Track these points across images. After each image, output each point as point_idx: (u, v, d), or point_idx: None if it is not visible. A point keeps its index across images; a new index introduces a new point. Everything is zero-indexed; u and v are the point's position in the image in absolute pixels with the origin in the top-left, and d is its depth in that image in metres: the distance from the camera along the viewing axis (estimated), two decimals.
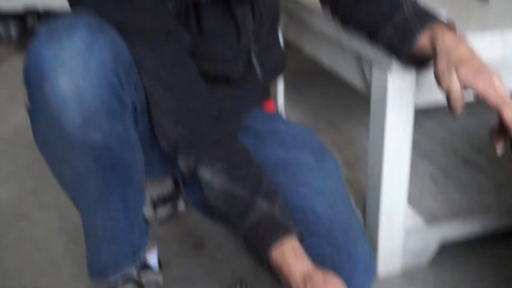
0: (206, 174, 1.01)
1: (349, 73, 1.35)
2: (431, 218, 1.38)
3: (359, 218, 1.23)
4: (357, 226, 1.18)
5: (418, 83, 1.19)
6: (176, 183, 1.46)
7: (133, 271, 1.14)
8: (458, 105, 0.94)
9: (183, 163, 1.03)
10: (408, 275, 1.35)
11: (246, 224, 0.97)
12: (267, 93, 1.35)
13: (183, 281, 1.32)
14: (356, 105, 1.84)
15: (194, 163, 1.02)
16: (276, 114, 1.37)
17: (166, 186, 1.49)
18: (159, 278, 1.21)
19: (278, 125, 1.26)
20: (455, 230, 1.37)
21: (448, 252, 1.39)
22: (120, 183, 1.01)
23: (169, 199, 1.50)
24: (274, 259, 0.94)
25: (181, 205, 1.50)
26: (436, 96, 1.18)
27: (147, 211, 1.48)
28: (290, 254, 0.94)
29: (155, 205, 1.48)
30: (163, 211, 1.51)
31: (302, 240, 1.00)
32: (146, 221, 1.18)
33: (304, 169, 1.20)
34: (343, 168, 1.63)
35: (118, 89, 0.92)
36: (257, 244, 0.97)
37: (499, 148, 0.93)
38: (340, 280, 0.92)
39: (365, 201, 1.35)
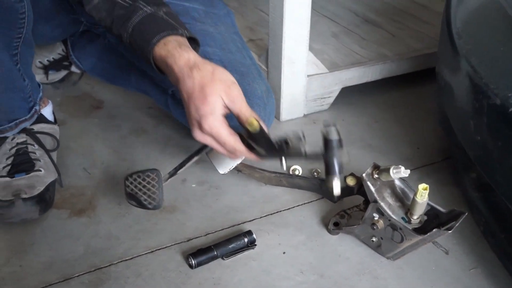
0: None
1: None
2: (332, 66, 1.40)
3: (256, 63, 1.22)
4: (253, 67, 1.18)
5: None
6: (66, 46, 1.38)
7: (27, 123, 1.10)
8: None
9: None
10: (311, 117, 1.38)
11: (130, 27, 0.93)
12: None
13: (81, 136, 1.28)
14: None
15: None
16: None
17: (56, 51, 1.40)
18: (55, 129, 1.15)
19: None
20: (354, 76, 1.40)
21: (347, 96, 1.43)
22: (5, 28, 0.95)
23: (61, 63, 1.42)
24: (158, 54, 0.91)
25: (74, 69, 1.43)
26: None
27: (38, 74, 1.39)
28: (174, 45, 0.90)
29: (46, 69, 1.40)
30: (55, 76, 1.42)
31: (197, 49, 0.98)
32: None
33: (194, 17, 1.17)
34: (246, 30, 1.60)
35: None
36: (141, 42, 0.93)
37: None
38: (229, 74, 0.91)
39: (268, 53, 1.34)
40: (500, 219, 0.96)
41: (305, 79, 1.34)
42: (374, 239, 0.96)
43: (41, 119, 1.14)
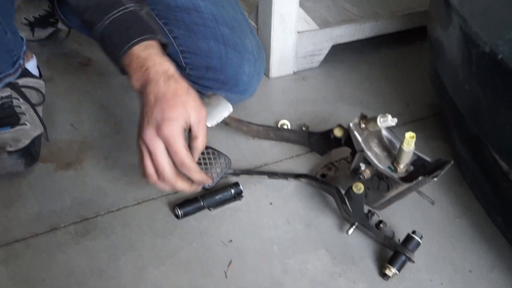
0: None
1: None
2: (323, 23, 1.38)
3: (249, 21, 1.20)
4: (245, 23, 1.17)
5: None
6: (52, 1, 1.35)
7: (12, 78, 1.08)
8: None
9: None
10: (300, 74, 1.37)
11: (108, 19, 0.87)
12: None
13: (69, 93, 1.26)
14: None
15: None
16: None
17: (42, 7, 1.38)
18: (40, 83, 1.14)
19: None
20: (345, 33, 1.39)
21: (338, 54, 1.42)
22: None
23: (47, 20, 1.39)
24: (136, 54, 0.86)
25: (61, 26, 1.41)
26: None
27: (24, 31, 1.38)
28: (155, 51, 0.87)
29: (32, 26, 1.38)
30: (42, 33, 1.40)
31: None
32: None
33: None
34: None
35: None
36: (118, 38, 0.88)
37: None
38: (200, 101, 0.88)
39: (258, 9, 1.32)
40: (486, 170, 0.96)
41: (295, 36, 1.33)
42: None
43: (26, 73, 1.12)
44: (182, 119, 0.84)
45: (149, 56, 0.86)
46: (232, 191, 0.98)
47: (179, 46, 1.13)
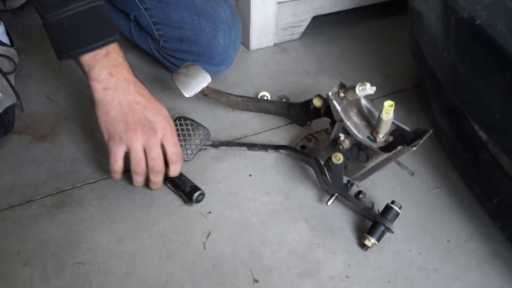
0: None
1: None
2: None
3: None
4: None
5: None
6: None
7: None
8: None
9: None
10: (281, 46, 1.35)
11: (68, 11, 0.79)
12: None
13: (44, 65, 1.24)
14: None
15: None
16: None
17: None
18: (11, 51, 1.11)
19: None
20: (326, 4, 1.37)
21: (319, 26, 1.40)
22: None
23: None
24: (95, 55, 0.82)
25: None
26: None
27: None
28: (117, 56, 0.84)
29: None
30: (14, 2, 1.36)
31: None
32: None
33: None
34: None
35: None
36: (78, 34, 0.81)
37: None
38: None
39: None
40: (466, 141, 0.96)
41: (276, 6, 1.31)
42: None
43: None
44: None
45: (110, 59, 0.83)
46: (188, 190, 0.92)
47: (151, 17, 1.10)
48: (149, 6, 1.09)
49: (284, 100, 1.14)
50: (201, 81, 1.03)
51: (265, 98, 1.13)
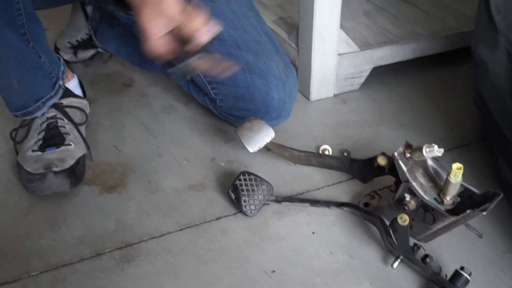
0: None
1: None
2: (364, 45, 1.37)
3: (274, 38, 1.18)
4: (269, 44, 1.15)
5: None
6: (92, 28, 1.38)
7: (54, 100, 1.10)
8: None
9: None
10: (341, 96, 1.36)
11: None
12: None
13: (112, 113, 1.28)
14: None
15: None
16: None
17: (83, 31, 1.41)
18: (83, 103, 1.17)
19: None
20: (386, 54, 1.37)
21: (379, 76, 1.40)
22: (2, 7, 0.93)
23: (89, 43, 1.42)
24: None
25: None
26: None
27: (68, 53, 1.41)
28: None
29: (75, 49, 1.41)
30: (85, 54, 1.43)
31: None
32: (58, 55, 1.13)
33: None
34: (276, 8, 1.58)
35: None
36: None
37: None
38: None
39: (298, 30, 1.32)
40: None
41: (336, 57, 1.32)
42: None
43: (69, 93, 1.14)
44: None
45: None
46: None
47: (205, 77, 1.13)
48: None
49: (345, 154, 1.14)
50: (265, 135, 1.05)
51: (327, 151, 1.14)
